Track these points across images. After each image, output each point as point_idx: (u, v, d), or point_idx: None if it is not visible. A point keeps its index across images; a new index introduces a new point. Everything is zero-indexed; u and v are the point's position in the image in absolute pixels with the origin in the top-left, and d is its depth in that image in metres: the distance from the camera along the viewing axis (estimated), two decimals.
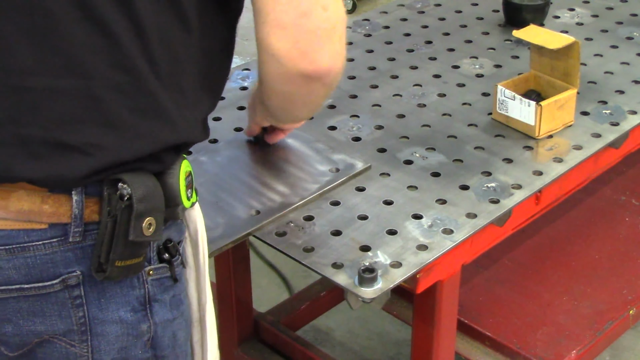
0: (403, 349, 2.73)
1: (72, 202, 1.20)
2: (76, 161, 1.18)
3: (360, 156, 1.82)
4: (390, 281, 1.50)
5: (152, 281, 1.29)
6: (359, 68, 2.19)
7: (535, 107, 1.85)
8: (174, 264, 1.32)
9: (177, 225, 1.34)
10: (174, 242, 1.32)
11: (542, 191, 1.78)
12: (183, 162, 1.30)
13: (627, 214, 2.65)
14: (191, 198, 1.33)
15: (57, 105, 1.17)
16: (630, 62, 2.21)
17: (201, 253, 1.39)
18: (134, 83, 1.19)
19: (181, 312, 1.36)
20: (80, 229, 1.21)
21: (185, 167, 1.31)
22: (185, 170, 1.30)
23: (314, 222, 1.64)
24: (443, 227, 1.63)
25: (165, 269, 1.31)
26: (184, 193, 1.29)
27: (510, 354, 2.20)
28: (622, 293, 2.37)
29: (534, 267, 2.45)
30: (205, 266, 1.40)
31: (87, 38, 1.16)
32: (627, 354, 2.73)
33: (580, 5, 2.50)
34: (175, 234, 1.33)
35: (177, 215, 1.31)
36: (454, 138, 1.91)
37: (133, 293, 1.27)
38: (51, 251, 1.21)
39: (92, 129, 1.18)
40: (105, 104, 1.18)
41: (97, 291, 1.25)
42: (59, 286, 1.23)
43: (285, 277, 3.04)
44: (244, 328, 2.31)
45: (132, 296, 1.27)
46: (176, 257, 1.32)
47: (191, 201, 1.33)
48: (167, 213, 1.27)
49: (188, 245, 1.39)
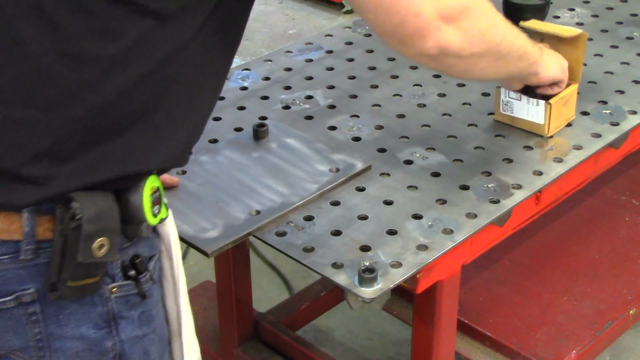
0: (403, 349, 2.73)
1: (23, 220, 1.18)
2: (27, 191, 1.16)
3: (360, 156, 1.82)
4: (390, 281, 1.50)
5: (116, 298, 1.27)
6: (359, 68, 2.19)
7: (544, 106, 1.85)
8: (141, 281, 1.29)
9: (148, 241, 1.31)
10: (142, 258, 1.30)
11: (542, 191, 1.78)
12: (149, 177, 1.26)
13: (627, 214, 2.65)
14: (159, 214, 1.30)
15: (11, 136, 1.14)
16: (630, 62, 2.20)
17: (175, 267, 1.37)
18: (93, 118, 1.17)
19: (153, 328, 1.34)
20: (32, 247, 1.19)
21: (151, 183, 1.27)
22: (151, 187, 1.26)
23: (314, 222, 1.64)
24: (443, 227, 1.63)
25: (132, 286, 1.28)
26: (148, 210, 1.26)
27: (510, 354, 2.20)
28: (622, 293, 2.37)
29: (534, 267, 2.45)
30: (180, 280, 1.38)
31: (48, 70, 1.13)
32: (627, 354, 2.73)
33: (580, 5, 2.50)
34: (145, 250, 1.31)
35: (141, 232, 1.27)
36: (454, 138, 1.91)
37: (95, 310, 1.25)
38: (2, 268, 1.19)
39: (45, 161, 1.16)
40: (63, 137, 1.16)
41: (55, 308, 1.23)
42: (12, 303, 1.21)
43: (285, 277, 3.04)
44: (244, 328, 2.31)
45: (94, 313, 1.25)
46: (144, 274, 1.29)
47: (159, 217, 1.30)
48: (131, 230, 1.25)
49: (165, 259, 1.37)
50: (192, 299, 2.43)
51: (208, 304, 2.45)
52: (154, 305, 1.34)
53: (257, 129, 1.87)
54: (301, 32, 4.76)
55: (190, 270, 3.10)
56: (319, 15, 5.01)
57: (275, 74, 2.16)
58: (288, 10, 5.05)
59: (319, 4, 5.09)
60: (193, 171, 1.75)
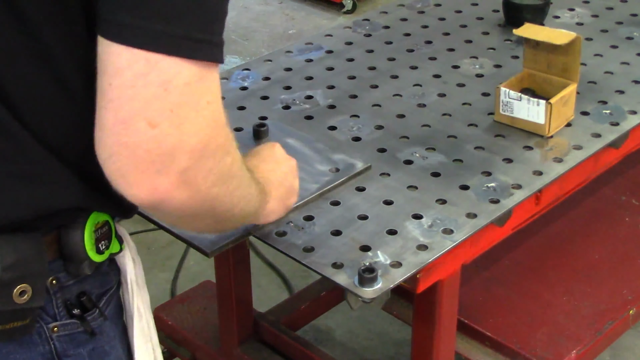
0: (403, 349, 2.73)
1: None
2: None
3: (360, 156, 1.82)
4: (390, 281, 1.50)
5: (58, 337, 1.22)
6: (359, 68, 2.19)
7: (545, 106, 1.85)
8: (88, 319, 1.24)
9: (98, 276, 1.26)
10: (89, 296, 1.24)
11: (542, 191, 1.78)
12: (93, 213, 1.19)
13: (627, 214, 2.65)
14: (108, 249, 1.24)
15: None
16: (630, 62, 2.20)
17: (129, 302, 1.32)
18: (13, 147, 1.10)
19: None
20: None
21: (95, 218, 1.20)
22: (94, 222, 1.20)
23: (314, 222, 1.64)
24: (443, 227, 1.62)
25: (76, 324, 1.23)
26: (90, 247, 1.19)
27: (510, 354, 2.20)
28: (622, 293, 2.37)
29: (534, 267, 2.45)
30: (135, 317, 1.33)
31: None
32: (627, 354, 2.73)
33: (580, 5, 2.50)
34: (95, 285, 1.26)
35: (83, 271, 1.21)
36: (454, 138, 1.91)
37: (36, 349, 1.21)
38: None
39: None
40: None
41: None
42: None
43: (285, 277, 3.04)
44: (244, 328, 2.30)
45: (35, 352, 1.21)
46: (92, 311, 1.24)
47: (107, 252, 1.24)
48: (72, 268, 1.20)
49: (127, 292, 1.32)
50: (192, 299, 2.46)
51: (208, 304, 2.44)
52: (107, 341, 1.28)
53: (257, 129, 1.87)
54: (301, 32, 4.76)
55: (190, 270, 3.10)
56: (319, 15, 5.01)
57: (275, 74, 2.16)
58: (288, 10, 5.05)
59: (319, 4, 5.09)
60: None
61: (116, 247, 1.27)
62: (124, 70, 1.00)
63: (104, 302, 1.28)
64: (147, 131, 1.01)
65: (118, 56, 1.01)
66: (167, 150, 1.02)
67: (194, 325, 2.39)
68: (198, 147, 1.04)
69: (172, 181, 1.04)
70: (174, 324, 2.39)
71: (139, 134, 1.01)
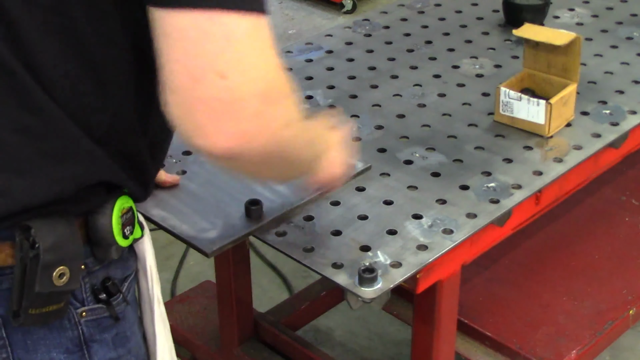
0: (403, 349, 2.73)
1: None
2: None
3: (360, 156, 1.82)
4: (390, 281, 1.50)
5: (86, 322, 1.24)
6: (359, 68, 2.19)
7: (545, 106, 1.85)
8: (113, 303, 1.27)
9: (121, 262, 1.29)
10: (114, 281, 1.27)
11: (542, 191, 1.78)
12: (119, 198, 1.23)
13: (627, 214, 2.65)
14: (132, 234, 1.27)
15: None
16: (630, 62, 2.21)
17: (151, 288, 1.35)
18: (45, 125, 1.13)
19: (128, 349, 1.31)
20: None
21: (121, 204, 1.23)
22: (120, 208, 1.23)
23: (314, 222, 1.64)
24: (443, 227, 1.62)
25: (103, 309, 1.26)
26: (117, 232, 1.23)
27: (510, 354, 2.20)
28: (622, 293, 2.37)
29: (534, 267, 2.45)
30: (154, 301, 1.36)
31: None
32: (627, 354, 2.73)
33: (580, 5, 2.50)
34: (118, 271, 1.29)
35: (111, 255, 1.24)
36: (454, 138, 1.91)
37: (65, 335, 1.23)
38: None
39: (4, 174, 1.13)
40: (12, 148, 1.13)
41: (22, 333, 1.21)
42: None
43: (285, 277, 3.04)
44: (244, 328, 2.30)
45: (64, 337, 1.23)
46: (116, 296, 1.27)
47: (132, 237, 1.27)
48: (100, 253, 1.23)
49: (142, 279, 1.35)
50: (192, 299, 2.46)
51: (208, 304, 2.44)
52: (129, 326, 1.31)
53: None
54: (301, 32, 4.76)
55: (190, 270, 3.10)
56: (318, 15, 5.01)
57: None
58: (288, 10, 5.05)
59: (318, 4, 5.09)
60: (193, 171, 1.75)
61: (138, 232, 1.30)
62: (188, 31, 1.06)
63: (125, 288, 1.31)
64: (219, 82, 1.07)
65: (180, 20, 1.06)
66: (239, 97, 1.08)
67: (194, 325, 2.39)
68: (266, 91, 1.11)
69: (247, 127, 1.10)
70: (174, 324, 2.39)
71: (211, 87, 1.07)
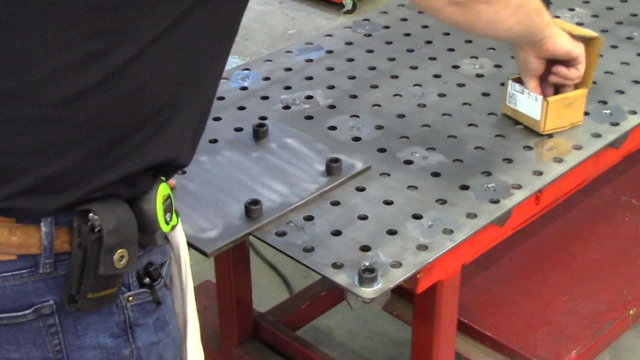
0: (403, 349, 2.73)
1: (41, 234, 1.17)
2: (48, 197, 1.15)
3: (360, 156, 1.82)
4: (390, 281, 1.50)
5: (132, 307, 1.27)
6: (359, 68, 2.19)
7: (541, 102, 1.85)
8: (156, 288, 1.29)
9: (160, 248, 1.31)
10: (156, 266, 1.29)
11: (542, 191, 1.78)
12: (160, 185, 1.26)
13: (627, 214, 2.65)
14: (171, 221, 1.29)
15: (38, 135, 1.13)
16: (630, 62, 2.21)
17: (184, 274, 1.37)
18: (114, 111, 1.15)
19: (167, 333, 1.34)
20: (50, 260, 1.18)
21: (162, 191, 1.26)
22: (162, 194, 1.26)
23: (314, 222, 1.64)
24: (443, 227, 1.63)
25: (147, 293, 1.28)
26: (161, 218, 1.25)
27: (510, 354, 2.20)
28: (622, 293, 2.38)
29: (534, 267, 2.45)
30: (188, 287, 1.38)
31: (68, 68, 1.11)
32: (627, 354, 2.73)
33: (580, 5, 2.50)
34: (158, 257, 1.31)
35: (156, 240, 1.27)
36: (454, 138, 1.91)
37: (112, 319, 1.25)
38: (21, 282, 1.18)
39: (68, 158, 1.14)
40: (84, 134, 1.14)
41: (73, 319, 1.22)
42: (32, 316, 1.20)
43: (285, 277, 3.04)
44: (244, 328, 2.31)
45: (111, 322, 1.25)
46: (158, 281, 1.29)
47: (171, 224, 1.30)
48: (145, 239, 1.25)
49: (174, 265, 1.37)
50: None
51: (208, 304, 2.45)
52: (167, 310, 1.34)
53: (257, 129, 1.87)
54: (301, 32, 4.76)
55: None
56: (319, 15, 5.01)
57: (275, 74, 2.16)
58: (288, 10, 5.05)
59: (319, 4, 5.09)
60: (193, 171, 1.75)
61: (175, 219, 1.32)
62: None
63: (164, 273, 1.32)
64: None
65: None
66: None
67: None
68: None
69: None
70: None
71: None
